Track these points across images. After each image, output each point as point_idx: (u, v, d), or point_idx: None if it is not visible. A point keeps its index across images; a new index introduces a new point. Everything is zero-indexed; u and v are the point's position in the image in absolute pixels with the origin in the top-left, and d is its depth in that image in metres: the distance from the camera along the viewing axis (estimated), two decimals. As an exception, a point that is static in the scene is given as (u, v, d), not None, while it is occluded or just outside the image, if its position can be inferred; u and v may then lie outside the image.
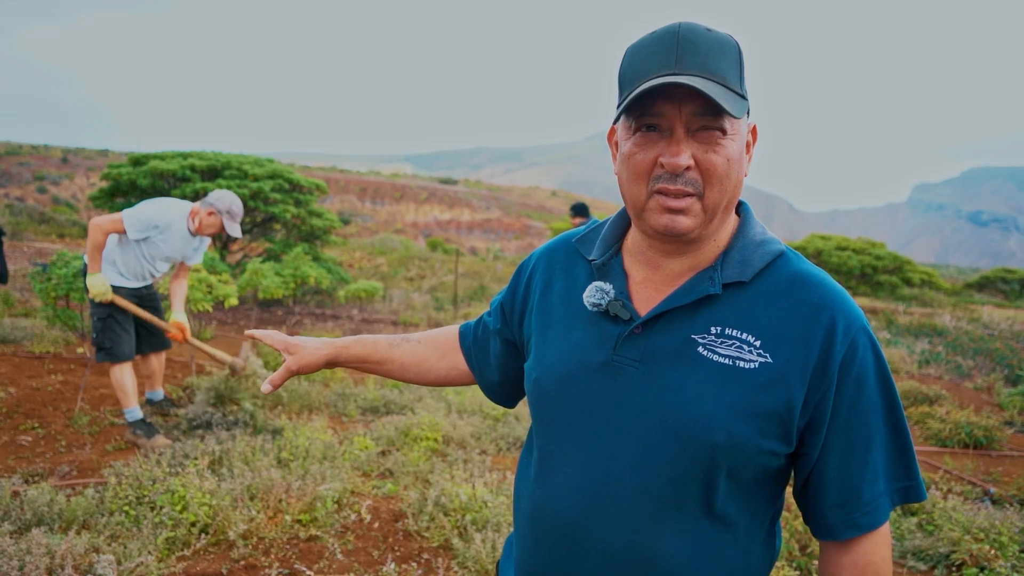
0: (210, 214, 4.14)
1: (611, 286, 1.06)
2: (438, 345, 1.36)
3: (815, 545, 3.30)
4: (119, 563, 2.69)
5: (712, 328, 0.99)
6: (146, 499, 3.19)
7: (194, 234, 4.22)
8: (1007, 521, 3.55)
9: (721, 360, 0.97)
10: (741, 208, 1.08)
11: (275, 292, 7.91)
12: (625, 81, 0.97)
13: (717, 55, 0.93)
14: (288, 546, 3.03)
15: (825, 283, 1.00)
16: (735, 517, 1.01)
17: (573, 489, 1.03)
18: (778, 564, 3.04)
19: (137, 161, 9.82)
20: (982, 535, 3.38)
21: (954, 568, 3.26)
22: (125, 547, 2.80)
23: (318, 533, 3.14)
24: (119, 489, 3.25)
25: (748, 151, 1.01)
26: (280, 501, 3.22)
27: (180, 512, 3.05)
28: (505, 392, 1.34)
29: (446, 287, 13.61)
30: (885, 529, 1.02)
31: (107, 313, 4.07)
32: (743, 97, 0.96)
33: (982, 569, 3.17)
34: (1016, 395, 6.54)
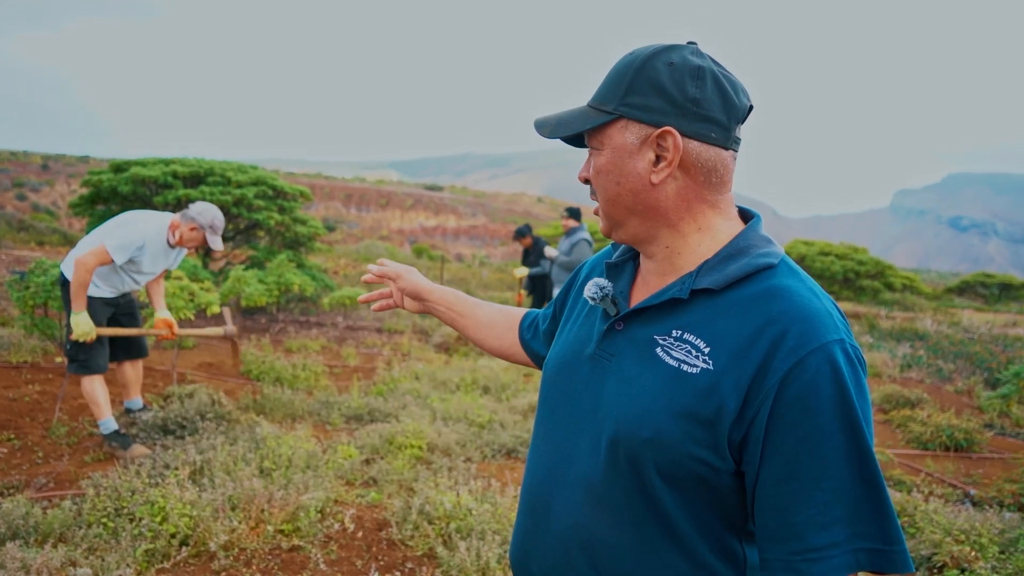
0: (192, 229, 4.07)
1: (609, 283, 1.13)
2: (509, 319, 1.51)
3: None
4: (97, 576, 2.65)
5: (674, 331, 1.02)
6: (125, 511, 3.15)
7: (173, 247, 4.17)
8: (987, 523, 3.58)
9: (670, 362, 1.00)
10: (750, 219, 1.10)
11: (258, 300, 7.85)
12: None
13: (610, 82, 1.04)
14: (270, 557, 2.99)
15: (796, 298, 0.96)
16: (684, 529, 1.01)
17: (546, 468, 1.14)
18: None
19: (118, 168, 9.71)
20: (963, 537, 3.41)
21: (936, 570, 3.28)
22: (103, 560, 2.76)
23: (301, 543, 3.11)
24: (97, 501, 3.20)
25: (639, 158, 1.01)
26: (262, 511, 3.19)
27: (160, 523, 3.01)
28: (528, 351, 1.48)
29: (431, 294, 13.59)
30: None
31: None
32: (610, 112, 1.03)
33: (963, 571, 3.19)
34: (995, 398, 6.61)
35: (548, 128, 1.10)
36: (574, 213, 8.06)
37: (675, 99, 0.98)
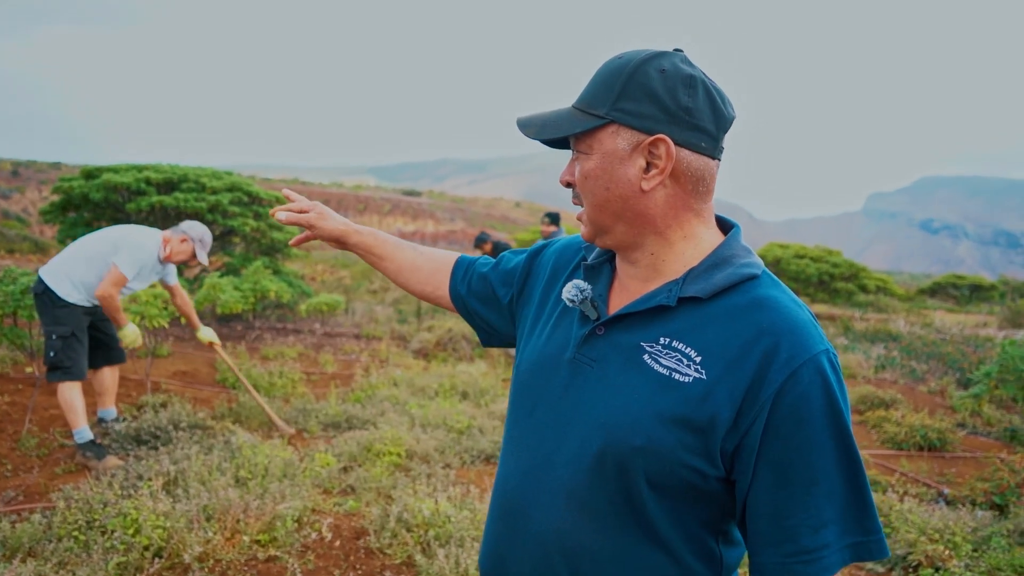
0: (182, 241, 4.26)
1: (588, 285, 1.12)
2: (435, 262, 1.46)
3: None
4: (67, 591, 2.59)
5: (661, 339, 1.02)
6: (97, 523, 3.09)
7: (163, 262, 4.27)
8: (960, 521, 3.64)
9: (660, 370, 1.00)
10: (730, 228, 1.10)
11: (234, 307, 7.76)
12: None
13: (598, 84, 1.03)
14: (246, 568, 2.95)
15: (783, 310, 0.98)
16: (666, 533, 1.02)
17: (521, 473, 1.12)
18: None
19: (90, 174, 9.55)
20: (937, 536, 3.46)
21: (911, 569, 3.32)
22: (74, 574, 2.71)
23: (277, 553, 3.07)
24: (68, 514, 3.14)
25: (630, 165, 1.01)
26: (238, 521, 3.15)
27: (133, 536, 2.95)
28: (462, 307, 1.43)
29: (410, 299, 13.53)
30: None
31: (70, 331, 3.98)
32: (601, 116, 1.01)
33: (937, 569, 3.23)
34: (967, 398, 6.72)
35: (534, 129, 1.08)
36: (554, 218, 8.04)
37: (668, 107, 0.99)
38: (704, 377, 0.97)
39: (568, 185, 1.09)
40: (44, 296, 3.99)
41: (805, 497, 0.94)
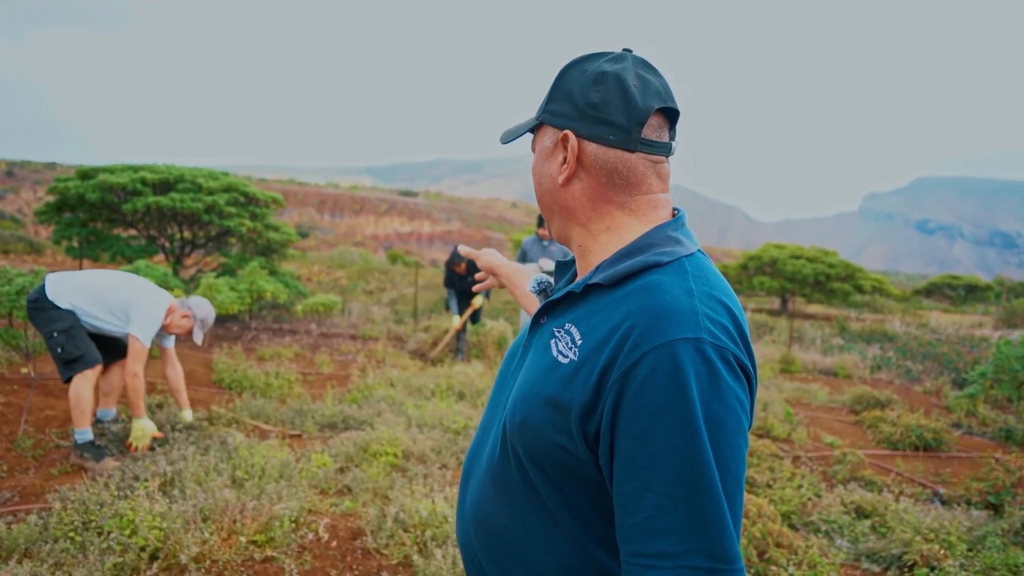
0: (184, 316, 4.31)
1: (547, 277, 1.24)
2: None
3: (774, 551, 3.34)
4: (63, 592, 2.59)
5: (567, 324, 1.06)
6: (93, 524, 3.08)
7: (161, 328, 4.29)
8: (955, 521, 3.65)
9: (554, 353, 1.04)
10: (668, 224, 1.08)
11: (230, 307, 7.75)
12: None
13: (553, 89, 1.09)
14: (243, 568, 2.95)
15: (658, 294, 0.94)
16: (556, 509, 1.03)
17: (472, 448, 1.24)
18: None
19: (85, 175, 9.52)
20: (932, 535, 3.47)
21: (906, 569, 3.33)
22: (70, 575, 2.70)
23: (274, 554, 3.07)
24: (64, 514, 3.13)
25: (553, 160, 1.10)
26: (235, 522, 3.14)
27: (129, 537, 2.95)
28: None
29: (406, 300, 13.52)
30: None
31: (68, 324, 3.98)
32: (536, 119, 1.12)
33: (932, 569, 3.25)
34: (963, 398, 6.74)
35: (504, 136, 1.19)
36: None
37: (577, 104, 1.05)
38: (575, 359, 0.99)
39: None
40: (36, 304, 4.01)
41: (646, 493, 0.88)
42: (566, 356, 1.01)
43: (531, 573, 1.07)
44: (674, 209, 1.11)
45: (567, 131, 1.05)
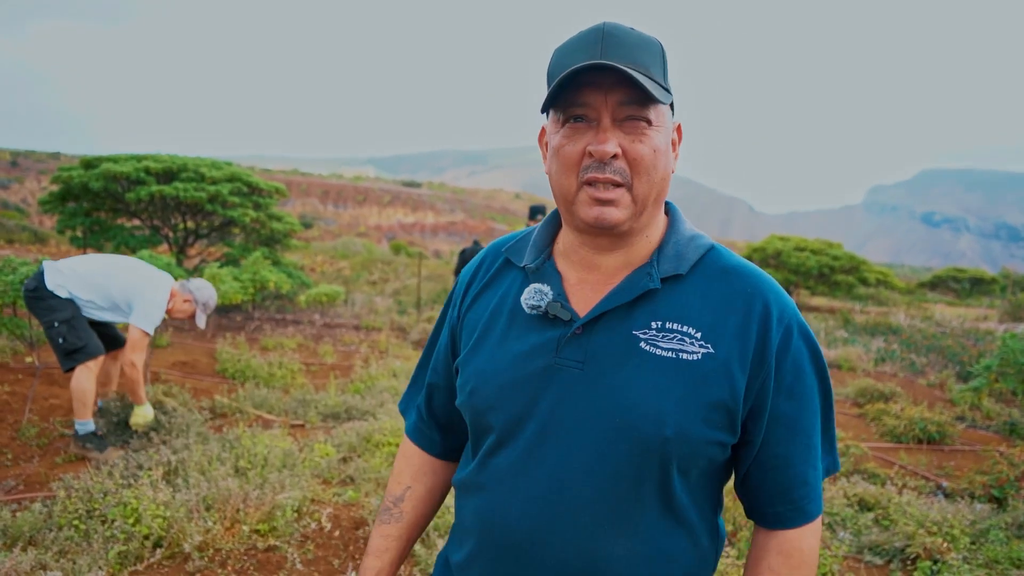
0: (186, 301, 4.24)
1: (549, 287, 1.04)
2: (415, 465, 1.27)
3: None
4: (67, 580, 2.60)
5: (653, 323, 0.99)
6: (97, 512, 3.09)
7: (166, 313, 4.21)
8: (959, 514, 3.64)
9: (664, 354, 0.97)
10: (669, 208, 1.10)
11: (233, 297, 7.76)
12: (552, 78, 0.98)
13: (642, 50, 0.94)
14: (246, 557, 2.96)
15: (757, 274, 1.03)
16: (687, 513, 1.02)
17: (524, 500, 1.01)
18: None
19: (89, 164, 9.53)
20: (935, 528, 3.47)
21: (909, 561, 3.33)
22: (74, 563, 2.71)
23: (277, 543, 3.07)
24: (68, 503, 3.14)
25: (674, 148, 1.03)
26: (238, 511, 3.15)
27: (133, 525, 2.96)
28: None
29: (409, 290, 13.53)
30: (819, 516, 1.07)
31: (69, 314, 3.92)
32: (667, 90, 0.98)
33: (935, 562, 3.24)
34: (967, 391, 6.73)
35: (657, 93, 0.93)
36: (538, 212, 7.15)
37: (670, 88, 1.00)
38: (713, 351, 0.97)
39: (614, 158, 0.95)
40: (35, 293, 3.94)
41: (809, 442, 1.02)
42: (691, 352, 0.96)
43: None
44: None
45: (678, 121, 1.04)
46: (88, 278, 4.03)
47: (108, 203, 9.65)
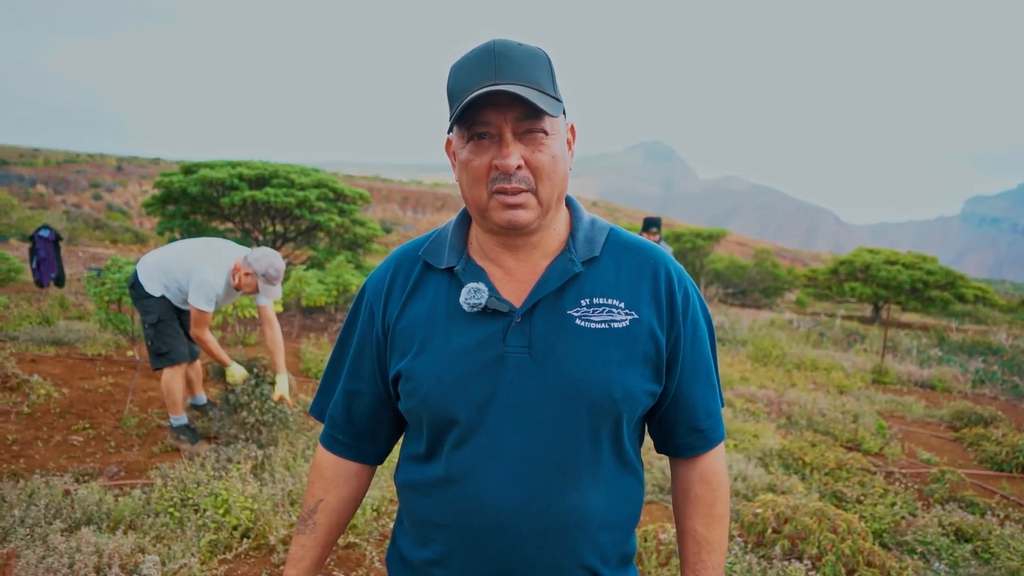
0: (247, 275, 4.03)
1: (482, 285, 1.13)
2: (340, 472, 1.30)
3: (864, 570, 3.19)
4: (163, 564, 2.74)
5: (582, 301, 1.12)
6: (190, 501, 3.25)
7: (236, 289, 4.13)
8: (1069, 551, 3.39)
9: (598, 326, 1.10)
10: (568, 200, 1.21)
11: (318, 299, 8.03)
12: (453, 96, 1.07)
13: (529, 65, 1.05)
14: (327, 553, 3.04)
15: (651, 246, 1.20)
16: (631, 457, 1.18)
17: (498, 483, 1.08)
18: None
19: (188, 170, 10.06)
20: (1042, 565, 3.24)
21: (1012, 598, 3.12)
22: (169, 548, 2.85)
23: (356, 540, 3.15)
24: (165, 491, 3.31)
25: (570, 147, 1.15)
26: (320, 507, 3.24)
27: (223, 515, 3.09)
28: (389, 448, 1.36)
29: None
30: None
31: (157, 318, 4.11)
32: (558, 100, 1.07)
33: (1042, 601, 3.03)
34: (1077, 418, 6.26)
35: (548, 106, 1.02)
36: (652, 224, 6.88)
37: (558, 93, 1.11)
38: (637, 316, 1.12)
39: (518, 169, 1.04)
40: (134, 289, 4.17)
41: (709, 381, 1.22)
42: (620, 321, 1.11)
43: (616, 530, 1.16)
44: None
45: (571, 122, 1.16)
46: (164, 268, 4.10)
47: (204, 207, 10.15)
